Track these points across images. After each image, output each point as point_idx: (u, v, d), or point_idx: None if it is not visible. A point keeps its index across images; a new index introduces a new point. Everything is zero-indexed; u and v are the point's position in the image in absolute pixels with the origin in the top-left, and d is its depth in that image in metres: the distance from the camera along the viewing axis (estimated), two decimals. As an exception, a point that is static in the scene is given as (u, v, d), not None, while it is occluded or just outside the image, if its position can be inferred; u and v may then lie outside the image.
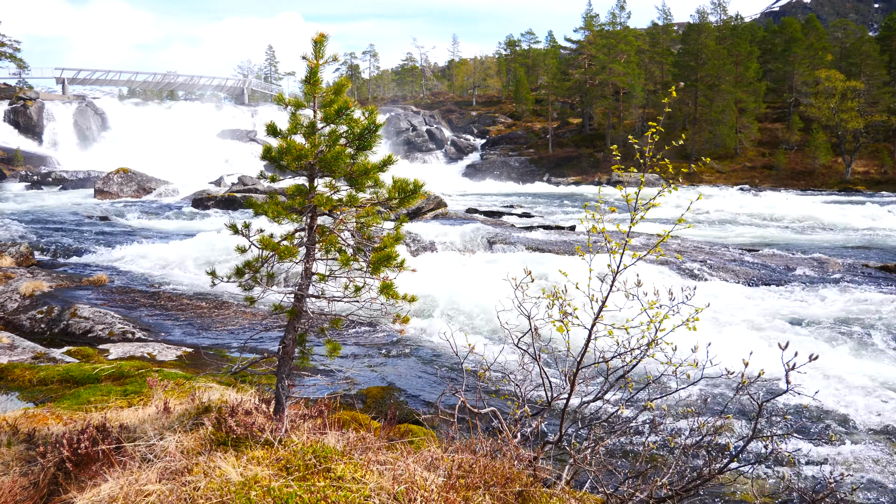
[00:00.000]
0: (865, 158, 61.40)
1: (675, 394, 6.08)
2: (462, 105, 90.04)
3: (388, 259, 4.64)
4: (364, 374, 8.13)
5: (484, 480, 3.94)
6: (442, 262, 13.10)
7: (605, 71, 66.69)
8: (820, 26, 79.92)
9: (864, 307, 11.73)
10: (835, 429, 6.07)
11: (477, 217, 25.22)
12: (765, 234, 25.05)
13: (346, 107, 4.68)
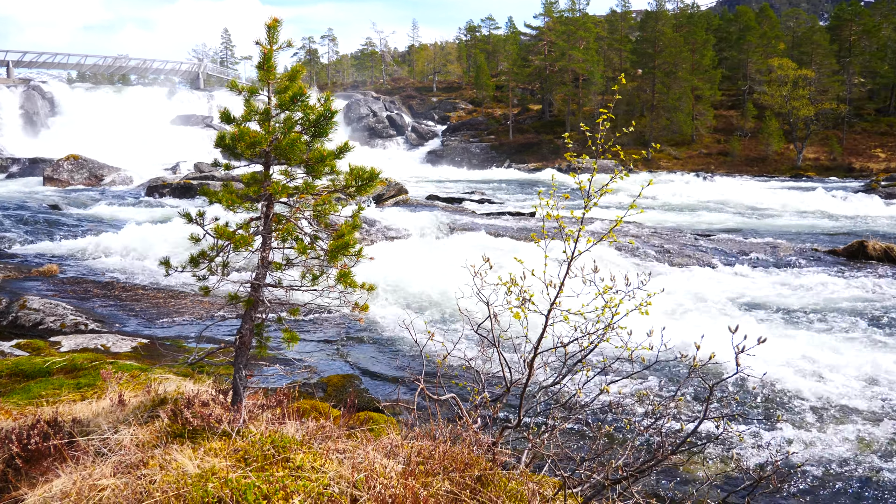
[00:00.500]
0: (816, 145, 63.17)
1: (631, 377, 6.22)
2: (423, 91, 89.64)
3: (346, 247, 4.61)
4: (325, 362, 8.09)
5: (443, 466, 3.97)
6: (402, 249, 13.07)
7: (565, 57, 67.08)
8: (773, 15, 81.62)
9: (813, 290, 12.12)
10: (781, 409, 6.29)
11: (438, 204, 25.21)
12: (720, 219, 25.62)
13: (301, 93, 4.61)
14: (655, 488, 4.63)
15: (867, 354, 8.34)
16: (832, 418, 6.23)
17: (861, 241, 16.40)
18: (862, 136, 66.49)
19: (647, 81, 65.03)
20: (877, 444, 5.83)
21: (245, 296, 4.90)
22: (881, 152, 62.81)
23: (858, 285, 12.47)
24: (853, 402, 6.72)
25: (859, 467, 5.41)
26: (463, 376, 6.82)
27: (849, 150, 62.83)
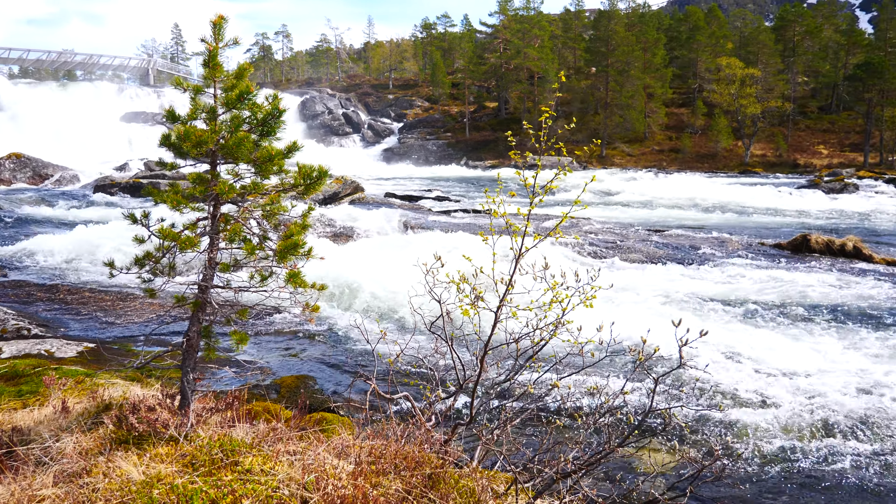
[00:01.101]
0: (763, 142, 65.05)
1: (579, 372, 6.31)
2: (379, 88, 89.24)
3: (295, 247, 4.57)
4: (278, 363, 8.00)
5: (394, 465, 3.97)
6: (358, 248, 13.00)
7: (520, 55, 67.56)
8: (721, 15, 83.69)
9: (758, 283, 12.49)
10: (724, 398, 6.48)
11: (394, 201, 25.15)
12: (672, 214, 26.18)
13: (248, 91, 4.55)
14: (605, 480, 4.72)
15: (807, 343, 8.65)
16: (771, 406, 6.44)
17: (804, 234, 16.95)
18: (806, 134, 68.75)
19: (600, 79, 65.97)
20: (812, 430, 6.05)
21: (192, 298, 4.81)
22: (824, 149, 65.05)
23: (801, 278, 12.90)
24: (791, 391, 6.96)
25: (795, 453, 5.61)
26: (417, 375, 6.82)
27: (794, 146, 64.88)
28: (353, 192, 24.22)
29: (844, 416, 6.35)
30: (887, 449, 5.77)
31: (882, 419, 6.30)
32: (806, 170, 57.28)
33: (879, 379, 7.32)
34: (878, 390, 7.02)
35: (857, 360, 8.08)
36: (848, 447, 5.79)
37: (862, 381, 7.30)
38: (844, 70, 68.61)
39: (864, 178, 44.59)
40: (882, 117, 58.64)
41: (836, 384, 7.19)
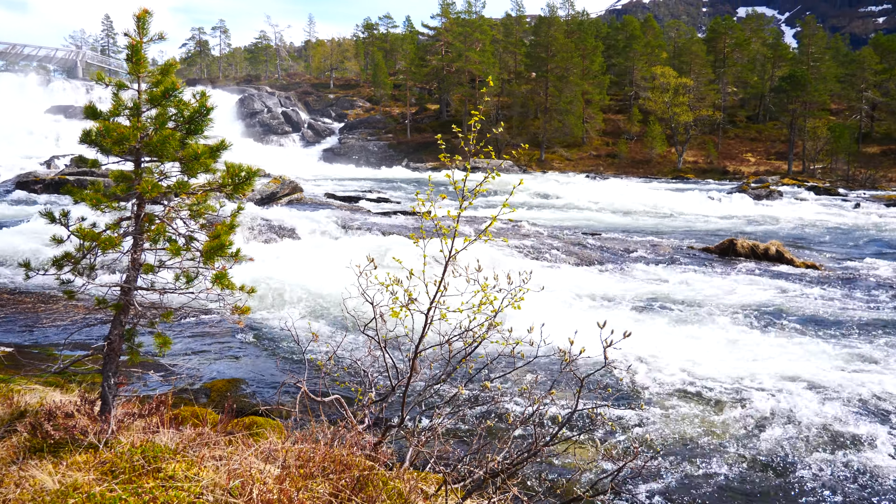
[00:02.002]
0: (695, 149, 67.38)
1: (509, 374, 6.41)
2: (319, 87, 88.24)
3: (222, 248, 4.47)
4: (209, 367, 7.82)
5: (322, 468, 3.94)
6: (293, 249, 12.82)
7: (462, 58, 68.01)
8: (656, 26, 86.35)
9: (686, 285, 12.94)
10: (648, 397, 6.69)
11: (333, 202, 24.92)
12: (608, 218, 26.82)
13: (174, 88, 4.44)
14: (535, 478, 4.80)
15: (731, 343, 9.00)
16: (693, 403, 6.69)
17: (731, 239, 17.64)
18: (735, 142, 71.60)
19: (540, 84, 67.02)
20: (730, 426, 6.31)
21: (114, 300, 4.66)
22: (751, 156, 67.89)
23: (727, 281, 13.43)
24: (713, 389, 7.24)
25: (715, 449, 5.83)
26: (350, 377, 6.79)
27: (724, 154, 67.46)
28: (291, 193, 23.86)
29: (765, 412, 6.64)
30: (803, 443, 6.06)
31: (802, 415, 6.61)
32: (735, 176, 59.61)
33: (800, 375, 7.68)
34: (797, 387, 7.37)
35: (779, 358, 8.46)
36: (767, 442, 6.06)
37: (783, 378, 7.65)
38: (771, 82, 71.78)
39: (788, 185, 46.75)
40: (804, 128, 61.64)
41: (756, 381, 7.52)
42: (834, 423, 6.48)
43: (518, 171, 59.10)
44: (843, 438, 6.17)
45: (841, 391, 7.29)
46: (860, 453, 5.88)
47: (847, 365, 8.31)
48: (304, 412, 6.07)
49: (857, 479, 5.49)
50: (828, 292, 12.79)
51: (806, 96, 60.80)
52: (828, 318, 10.79)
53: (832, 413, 6.72)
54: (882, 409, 6.88)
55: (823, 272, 15.32)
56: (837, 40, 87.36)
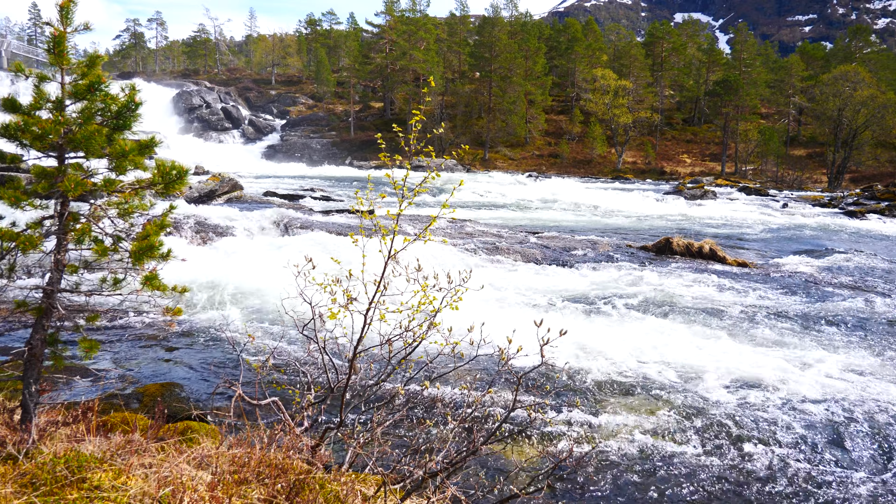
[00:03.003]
0: (634, 150, 69.09)
1: (454, 371, 6.42)
2: (261, 83, 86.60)
3: (152, 248, 4.32)
4: (141, 371, 7.56)
5: (257, 473, 3.86)
6: (231, 249, 12.52)
7: (406, 57, 67.86)
8: (597, 29, 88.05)
9: (626, 283, 13.23)
10: (584, 394, 6.82)
11: (274, 200, 24.49)
12: (550, 217, 27.21)
13: (100, 82, 4.26)
14: (475, 477, 4.81)
15: (666, 339, 9.25)
16: (629, 399, 6.84)
17: (668, 238, 18.13)
18: (672, 143, 73.75)
19: (484, 84, 67.49)
20: (665, 420, 6.48)
21: (36, 303, 4.44)
22: (687, 158, 70.06)
23: (663, 278, 13.80)
24: (648, 385, 7.43)
25: (651, 445, 5.98)
26: (288, 379, 6.67)
27: (661, 155, 69.41)
28: (230, 191, 23.32)
29: (699, 406, 6.85)
30: (738, 439, 6.27)
31: (735, 408, 6.84)
32: (671, 177, 61.40)
33: (735, 369, 7.95)
34: (733, 381, 7.63)
35: (714, 353, 8.73)
36: (702, 436, 6.24)
37: (720, 372, 7.90)
38: (705, 86, 74.22)
39: (722, 185, 48.42)
40: (737, 130, 63.97)
41: (693, 376, 7.75)
42: (773, 416, 6.73)
43: (462, 170, 59.38)
44: (782, 430, 6.42)
45: (780, 386, 7.58)
46: (794, 445, 6.14)
47: (781, 359, 8.65)
48: (241, 416, 5.93)
49: (784, 462, 5.73)
50: (758, 289, 13.30)
51: (738, 100, 63.12)
52: (759, 313, 11.21)
53: (768, 405, 6.98)
54: (809, 403, 7.19)
55: (754, 269, 15.92)
56: (767, 47, 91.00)
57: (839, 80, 56.42)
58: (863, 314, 11.49)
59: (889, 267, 17.44)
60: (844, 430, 6.47)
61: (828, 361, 8.58)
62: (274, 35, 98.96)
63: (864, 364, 8.68)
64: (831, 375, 8.07)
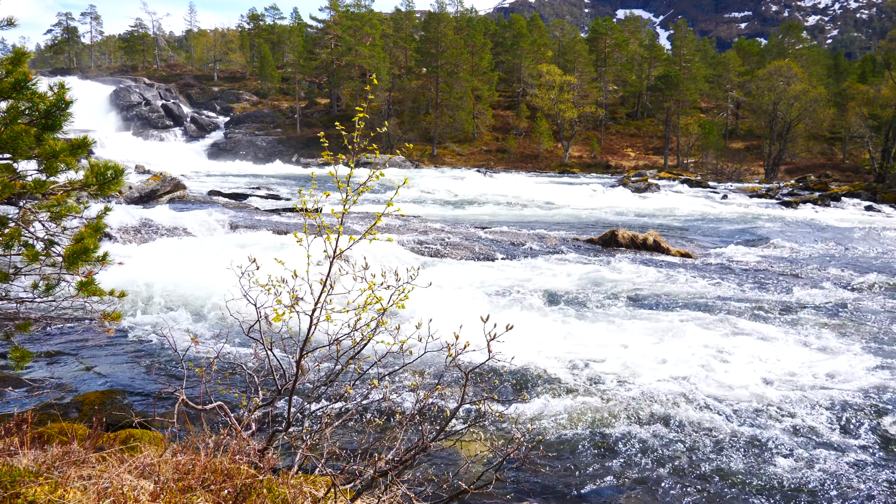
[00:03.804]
0: (580, 144, 70.19)
1: (403, 369, 6.42)
2: (203, 80, 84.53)
3: (87, 252, 4.17)
4: (80, 379, 7.30)
5: (202, 480, 3.77)
6: (174, 250, 12.20)
7: (352, 52, 67.29)
8: (542, 25, 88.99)
9: (574, 275, 13.44)
10: (530, 387, 6.92)
11: (219, 200, 23.98)
12: (498, 212, 27.40)
13: (26, 79, 4.08)
14: (426, 473, 4.82)
15: (612, 330, 9.45)
16: (575, 390, 6.97)
17: (613, 230, 18.49)
18: (616, 137, 75.19)
19: (431, 80, 67.46)
20: (611, 411, 6.62)
21: (-38, 311, 4.24)
22: (631, 151, 71.55)
23: (609, 270, 14.07)
24: (597, 375, 7.58)
25: (597, 436, 6.10)
26: (235, 382, 6.55)
27: (606, 149, 70.70)
28: (173, 190, 22.73)
29: (643, 395, 7.01)
30: (679, 427, 6.45)
31: (672, 398, 7.03)
32: (616, 170, 62.62)
33: (678, 358, 8.17)
34: (675, 370, 7.84)
35: (659, 343, 8.95)
36: (647, 425, 6.39)
37: (660, 362, 8.10)
38: (647, 81, 75.90)
39: (665, 178, 49.61)
40: (678, 125, 65.62)
41: (637, 367, 7.93)
42: (711, 405, 6.94)
43: (410, 166, 59.26)
44: (718, 416, 6.63)
45: (729, 372, 7.82)
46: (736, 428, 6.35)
47: (724, 346, 8.92)
48: (186, 422, 5.79)
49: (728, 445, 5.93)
50: (700, 278, 13.69)
51: (679, 95, 64.76)
52: (700, 303, 11.54)
53: (712, 396, 7.19)
54: (742, 388, 7.45)
55: (696, 259, 16.38)
56: (706, 43, 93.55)
57: (773, 76, 58.46)
58: (797, 299, 11.96)
59: (821, 254, 18.19)
60: (787, 407, 6.74)
61: (765, 346, 8.91)
62: (215, 30, 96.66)
63: (794, 343, 9.05)
64: (764, 359, 8.38)
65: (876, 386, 7.56)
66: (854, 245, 20.21)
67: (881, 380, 7.76)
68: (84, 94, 63.95)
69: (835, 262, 16.97)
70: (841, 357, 8.62)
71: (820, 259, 17.38)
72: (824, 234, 22.88)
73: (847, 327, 10.20)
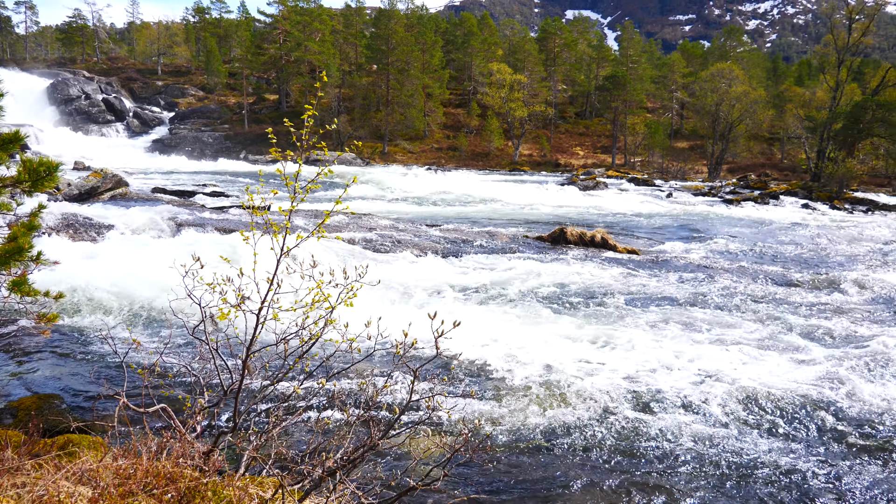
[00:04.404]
0: (530, 143, 70.91)
1: (352, 368, 6.39)
2: (146, 74, 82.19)
3: (20, 251, 4.02)
4: (14, 383, 7.02)
5: (144, 485, 3.68)
6: (115, 249, 11.83)
7: (301, 48, 66.41)
8: (492, 23, 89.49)
9: (523, 272, 13.59)
10: (479, 383, 6.99)
11: (163, 197, 23.36)
12: (449, 210, 27.48)
13: (-47, 71, 3.90)
14: (373, 472, 4.81)
15: (559, 326, 9.59)
16: (523, 386, 7.06)
17: (562, 228, 18.75)
18: (565, 136, 76.26)
19: (382, 77, 67.16)
20: (556, 405, 6.72)
21: None
22: (580, 150, 72.69)
23: (557, 267, 14.27)
24: (544, 371, 7.68)
25: (543, 430, 6.19)
26: (179, 384, 6.41)
27: (556, 147, 71.64)
28: (115, 187, 22.03)
29: (586, 389, 7.14)
30: (620, 418, 6.59)
31: (620, 393, 7.18)
32: (566, 169, 63.52)
33: (622, 356, 8.35)
34: (620, 365, 8.01)
35: (605, 337, 9.12)
36: (583, 419, 6.52)
37: (606, 359, 8.26)
38: (596, 81, 77.18)
39: (612, 177, 50.57)
40: (625, 124, 66.95)
41: (583, 361, 8.07)
42: (654, 396, 7.11)
43: (361, 164, 58.90)
44: (660, 406, 6.81)
45: (671, 367, 8.02)
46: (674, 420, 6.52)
47: (669, 339, 9.15)
48: (128, 425, 5.63)
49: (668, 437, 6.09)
50: (645, 274, 14.02)
51: (626, 95, 66.06)
52: (646, 297, 11.82)
53: (648, 388, 7.37)
54: (684, 378, 7.67)
55: (642, 256, 16.76)
56: (652, 45, 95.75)
57: (716, 77, 60.20)
58: (736, 293, 12.37)
59: (760, 251, 18.85)
60: (705, 394, 6.96)
61: (704, 339, 9.19)
62: (159, 23, 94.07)
63: (730, 337, 9.36)
64: (703, 357, 8.65)
65: (799, 378, 7.88)
66: (791, 242, 21.01)
67: (803, 372, 8.09)
68: (18, 86, 61.39)
69: (772, 258, 17.61)
70: (771, 351, 8.95)
71: (758, 255, 18.01)
72: (763, 231, 23.70)
73: (779, 320, 10.60)
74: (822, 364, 8.37)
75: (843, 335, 9.84)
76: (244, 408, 5.39)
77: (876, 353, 8.84)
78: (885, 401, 7.22)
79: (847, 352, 8.93)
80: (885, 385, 7.70)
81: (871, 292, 13.12)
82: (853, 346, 9.24)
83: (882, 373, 8.14)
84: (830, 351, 8.99)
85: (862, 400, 7.22)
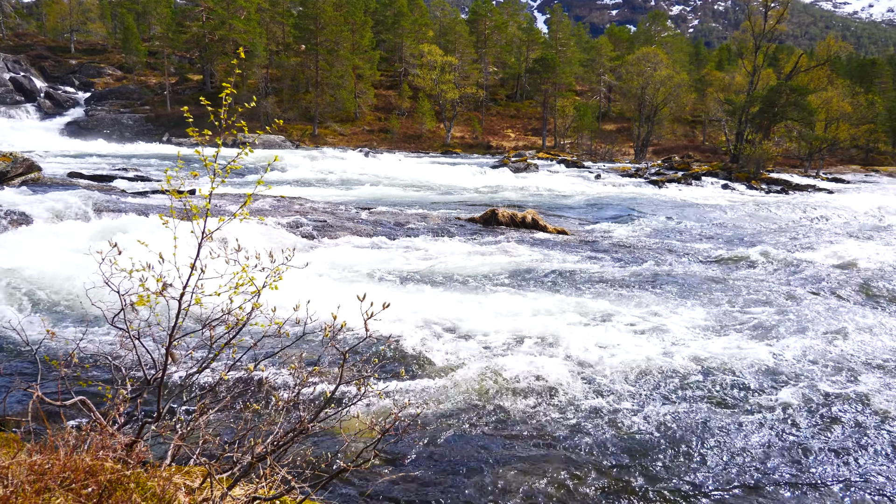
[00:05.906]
0: (462, 125, 71.10)
1: (282, 352, 6.31)
2: (58, 51, 77.85)
3: (-85, 239, 3.75)
4: (-83, 379, 6.60)
5: (62, 480, 3.54)
6: (26, 237, 11.22)
7: (225, 26, 64.27)
8: (423, 4, 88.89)
9: (454, 254, 13.68)
10: (409, 365, 7.03)
11: (80, 182, 22.29)
12: (381, 192, 27.30)
13: None
14: (306, 455, 4.78)
15: (488, 306, 9.72)
16: (454, 366, 7.14)
17: (493, 209, 18.95)
18: (497, 118, 76.82)
19: (310, 57, 65.84)
20: (490, 387, 6.84)
21: None
22: (511, 132, 73.41)
23: (489, 248, 14.44)
24: (474, 351, 7.79)
25: (477, 410, 6.29)
26: (100, 375, 6.17)
27: (487, 130, 72.10)
28: (26, 172, 20.87)
29: (519, 370, 7.28)
30: (553, 395, 6.76)
31: (551, 371, 7.35)
32: (497, 151, 64.11)
33: (555, 333, 8.53)
34: (553, 344, 8.19)
35: (535, 316, 9.30)
36: (519, 402, 6.65)
37: (538, 336, 8.43)
38: (526, 63, 77.95)
39: (543, 158, 51.34)
40: (555, 107, 67.99)
41: (514, 340, 8.21)
42: (587, 375, 7.31)
43: (291, 146, 57.71)
44: (588, 385, 7.01)
45: (590, 346, 8.24)
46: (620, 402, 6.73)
47: (595, 318, 9.41)
48: (45, 420, 5.39)
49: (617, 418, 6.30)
50: (574, 253, 14.35)
51: (555, 78, 67.03)
52: (576, 276, 12.11)
53: (590, 371, 7.58)
54: (613, 356, 7.92)
55: (572, 236, 17.14)
56: (580, 28, 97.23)
57: (641, 61, 61.81)
58: (662, 271, 12.83)
59: (682, 229, 19.58)
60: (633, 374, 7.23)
61: (630, 314, 9.51)
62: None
63: (658, 311, 9.73)
64: (630, 328, 8.96)
65: (713, 352, 8.27)
66: (711, 220, 21.91)
67: (721, 345, 8.50)
68: None
69: (695, 236, 18.33)
70: (682, 321, 9.36)
71: (681, 234, 18.70)
72: (686, 210, 24.61)
73: (698, 295, 11.07)
74: (731, 334, 8.80)
75: (752, 300, 10.37)
76: (169, 397, 5.24)
77: (773, 313, 9.39)
78: (775, 357, 7.68)
79: (753, 316, 9.42)
80: (775, 344, 8.18)
81: (780, 264, 13.87)
82: (760, 312, 9.75)
83: (777, 332, 8.71)
84: (739, 317, 9.46)
85: (759, 358, 7.64)
